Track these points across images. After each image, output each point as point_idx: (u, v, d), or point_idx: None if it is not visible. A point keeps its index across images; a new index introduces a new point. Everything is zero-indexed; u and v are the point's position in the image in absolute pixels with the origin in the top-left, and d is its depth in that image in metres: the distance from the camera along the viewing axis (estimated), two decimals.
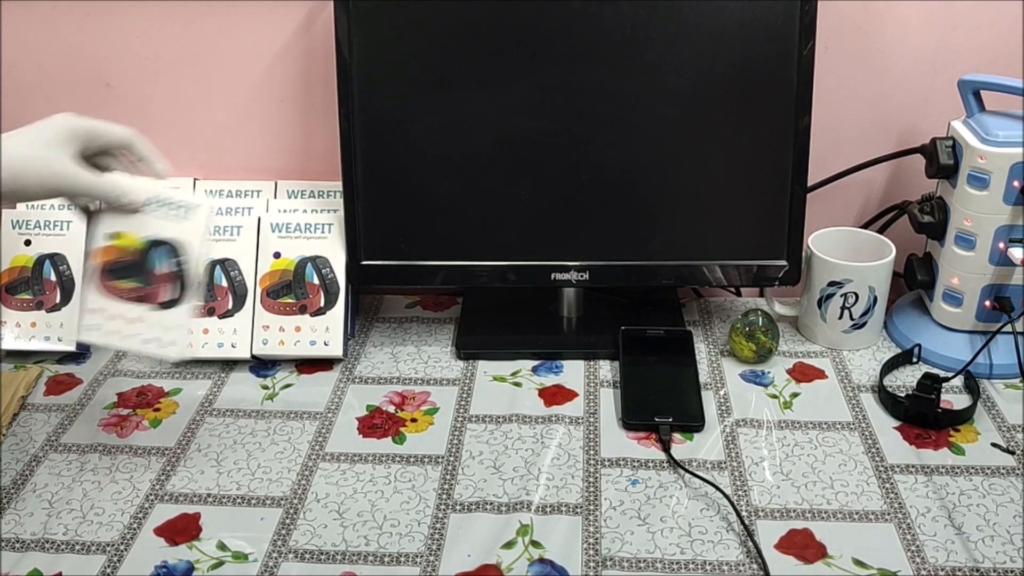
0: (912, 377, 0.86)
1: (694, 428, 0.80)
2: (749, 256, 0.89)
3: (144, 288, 0.71)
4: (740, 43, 0.83)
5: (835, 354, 0.91)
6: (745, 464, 0.76)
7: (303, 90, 0.98)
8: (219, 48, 0.97)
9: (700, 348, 0.92)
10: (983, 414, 0.82)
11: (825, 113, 0.91)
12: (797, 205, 0.87)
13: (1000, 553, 0.67)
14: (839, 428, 0.80)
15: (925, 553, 0.67)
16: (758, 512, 0.71)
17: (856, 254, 0.90)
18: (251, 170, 1.02)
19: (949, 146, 0.85)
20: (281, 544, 0.69)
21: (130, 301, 0.71)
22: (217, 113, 1.00)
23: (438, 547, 0.68)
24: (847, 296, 0.88)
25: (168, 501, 0.74)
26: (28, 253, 0.93)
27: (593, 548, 0.68)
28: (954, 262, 0.86)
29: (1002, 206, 0.82)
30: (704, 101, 0.85)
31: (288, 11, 0.95)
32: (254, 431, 0.82)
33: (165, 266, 0.71)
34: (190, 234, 0.71)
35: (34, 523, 0.72)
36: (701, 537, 0.69)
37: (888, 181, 1.00)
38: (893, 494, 0.73)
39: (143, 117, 1.01)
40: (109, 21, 0.97)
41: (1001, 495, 0.72)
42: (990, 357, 0.86)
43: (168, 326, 0.71)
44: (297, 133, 1.01)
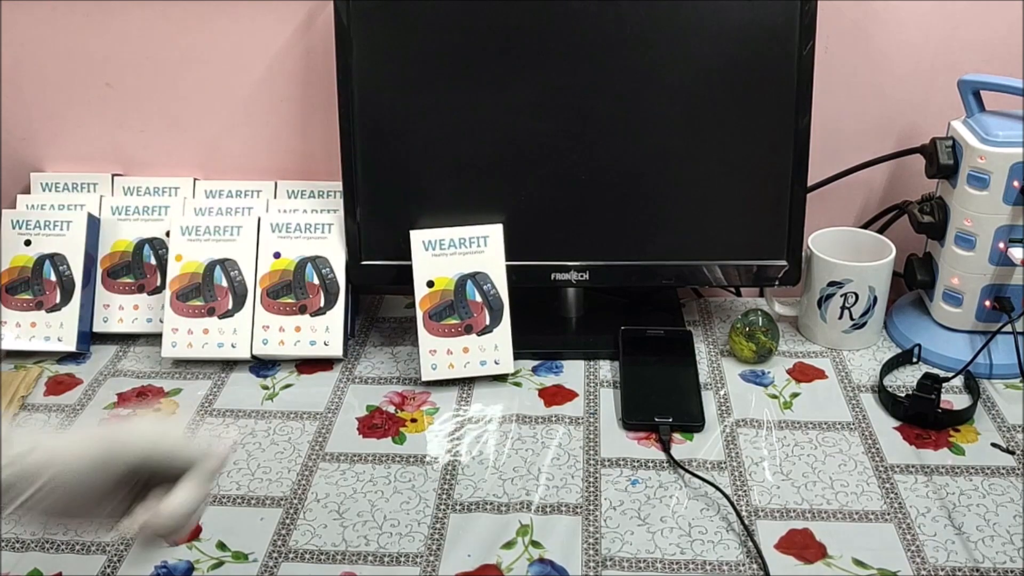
0: (912, 377, 0.86)
1: (694, 428, 0.80)
2: (749, 256, 0.89)
3: (464, 321, 0.83)
4: (740, 43, 0.83)
5: (835, 354, 0.91)
6: (745, 464, 0.76)
7: (303, 90, 0.98)
8: (219, 48, 0.97)
9: (700, 348, 0.92)
10: (983, 414, 0.82)
11: (825, 113, 0.91)
12: (797, 205, 0.87)
13: (1000, 553, 0.67)
14: (839, 428, 0.80)
15: (925, 553, 0.67)
16: (758, 512, 0.71)
17: (856, 254, 0.90)
18: (251, 170, 1.02)
19: (949, 146, 0.85)
20: (281, 544, 0.69)
21: (456, 336, 0.85)
22: (217, 113, 1.00)
23: (438, 547, 0.68)
24: (847, 296, 0.88)
25: None
26: (28, 253, 0.93)
27: (593, 548, 0.68)
28: (954, 262, 0.86)
29: (1002, 206, 0.82)
30: (704, 101, 0.85)
31: (288, 11, 0.95)
32: (254, 431, 0.82)
33: None
34: (489, 259, 0.85)
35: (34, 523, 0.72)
36: (701, 537, 0.69)
37: (888, 181, 1.00)
38: (893, 494, 0.73)
39: (143, 117, 1.01)
40: (109, 21, 0.97)
41: (1001, 495, 0.72)
42: (990, 357, 0.85)
43: None
44: (297, 133, 1.01)
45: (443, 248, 0.86)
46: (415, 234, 0.86)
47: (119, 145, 1.02)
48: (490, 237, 0.86)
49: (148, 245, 0.96)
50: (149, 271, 0.96)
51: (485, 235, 0.86)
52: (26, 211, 0.97)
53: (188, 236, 0.92)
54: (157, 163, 1.03)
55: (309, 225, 0.92)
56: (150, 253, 0.96)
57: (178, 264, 0.91)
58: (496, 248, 0.86)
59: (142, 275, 0.96)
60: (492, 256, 0.86)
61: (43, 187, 1.02)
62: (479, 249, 0.86)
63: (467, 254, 0.86)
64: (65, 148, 1.03)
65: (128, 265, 0.96)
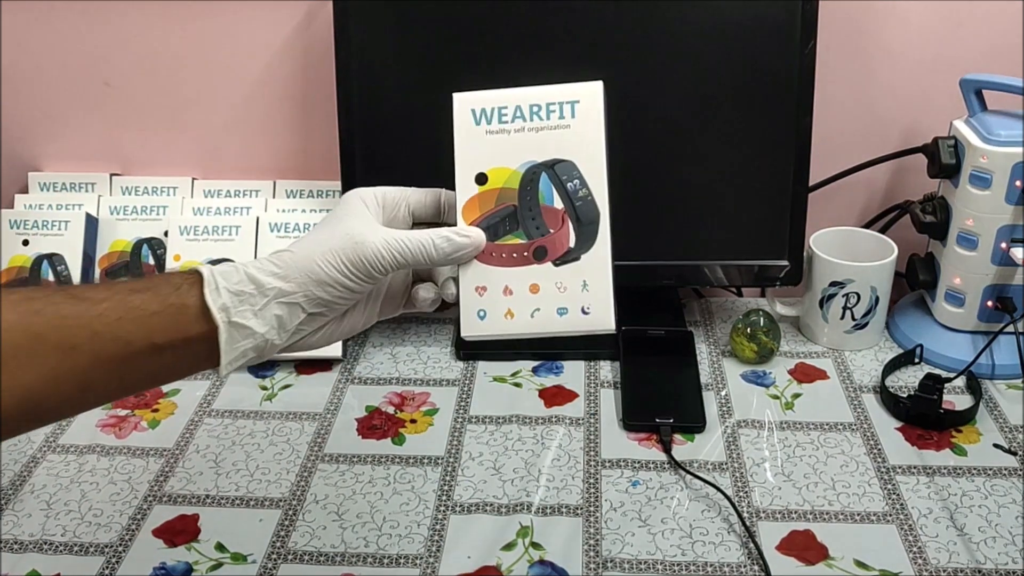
0: (914, 378, 0.85)
1: (695, 429, 0.80)
2: (750, 256, 0.89)
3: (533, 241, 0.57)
4: (742, 43, 0.83)
5: (837, 354, 0.90)
6: (746, 465, 0.76)
7: (302, 89, 0.98)
8: (217, 47, 0.97)
9: (701, 348, 0.92)
10: (985, 415, 0.81)
11: (826, 113, 0.91)
12: (799, 205, 0.87)
13: (1002, 554, 0.66)
14: (841, 429, 0.80)
15: (927, 554, 0.67)
16: (759, 513, 0.71)
17: (858, 254, 0.90)
18: (250, 169, 1.02)
19: (951, 145, 0.85)
20: (280, 545, 0.69)
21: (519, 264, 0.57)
22: (216, 112, 1.00)
23: (438, 549, 0.68)
24: (849, 296, 0.88)
25: (167, 502, 0.73)
26: (26, 253, 0.93)
27: (594, 550, 0.68)
28: (956, 262, 0.86)
29: (1004, 206, 0.82)
30: (705, 101, 0.85)
31: (287, 10, 0.95)
32: (253, 432, 0.81)
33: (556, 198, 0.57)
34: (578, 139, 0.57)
35: (32, 524, 0.71)
36: (702, 538, 0.68)
37: (890, 181, 1.00)
38: (895, 495, 0.72)
39: (141, 116, 1.01)
40: (107, 20, 0.96)
41: (1003, 496, 0.72)
42: (992, 357, 0.85)
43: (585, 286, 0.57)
44: (296, 132, 1.00)
45: (504, 121, 0.58)
46: (460, 98, 0.58)
47: (117, 145, 1.02)
48: (581, 103, 0.58)
49: (146, 245, 0.95)
50: (148, 271, 0.95)
51: (573, 99, 0.58)
52: (24, 211, 0.97)
53: (187, 236, 0.92)
54: (155, 163, 1.02)
55: (308, 225, 0.92)
56: (148, 253, 0.95)
57: (176, 264, 0.91)
58: (591, 121, 0.58)
59: (140, 275, 0.95)
60: (584, 134, 0.58)
61: (41, 187, 1.01)
62: (562, 122, 0.58)
63: (542, 130, 0.58)
64: (63, 147, 1.02)
65: (126, 265, 0.95)
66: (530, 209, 0.58)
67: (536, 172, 0.58)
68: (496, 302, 0.57)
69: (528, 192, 0.58)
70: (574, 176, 0.58)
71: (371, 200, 0.57)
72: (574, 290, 0.57)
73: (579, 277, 0.57)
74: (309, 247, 0.53)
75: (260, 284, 0.52)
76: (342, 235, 0.53)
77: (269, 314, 0.52)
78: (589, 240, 0.57)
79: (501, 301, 0.57)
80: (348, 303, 0.55)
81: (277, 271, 0.52)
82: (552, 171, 0.58)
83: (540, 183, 0.58)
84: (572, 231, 0.57)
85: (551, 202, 0.57)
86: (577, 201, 0.57)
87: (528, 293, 0.57)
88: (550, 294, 0.57)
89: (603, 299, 0.57)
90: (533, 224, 0.58)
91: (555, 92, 0.58)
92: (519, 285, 0.57)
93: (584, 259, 0.57)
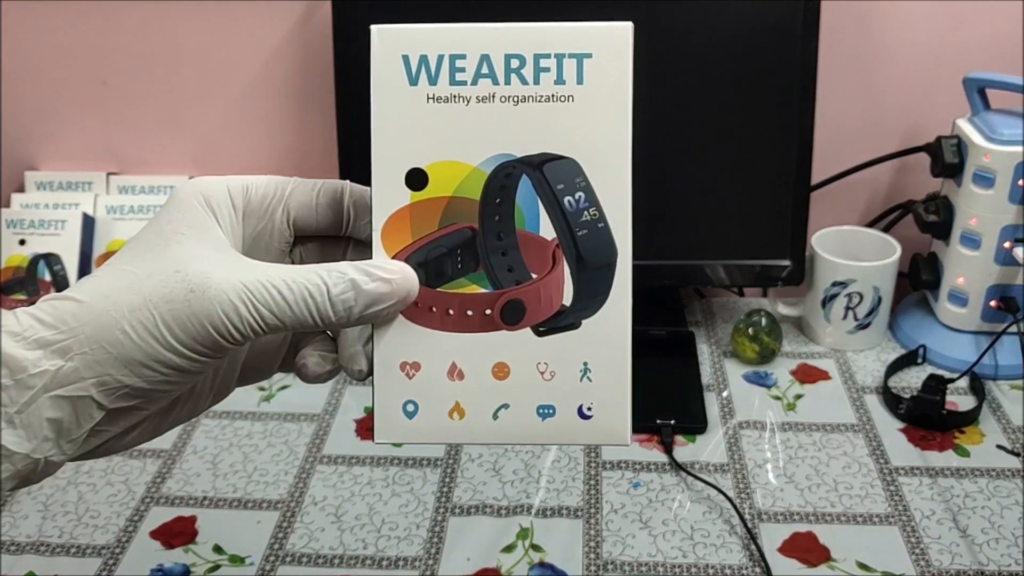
0: (917, 378, 0.85)
1: (696, 430, 0.79)
2: (752, 256, 0.88)
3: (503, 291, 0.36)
4: (743, 41, 0.82)
5: (839, 355, 0.90)
6: (748, 466, 0.75)
7: (300, 88, 0.98)
8: (215, 45, 0.96)
9: (702, 349, 0.91)
10: (988, 416, 0.81)
11: (829, 111, 0.90)
12: (800, 204, 0.86)
13: (1005, 556, 0.66)
14: (843, 430, 0.79)
15: (929, 556, 0.66)
16: (761, 515, 0.70)
17: (860, 254, 0.89)
18: (247, 168, 1.01)
19: (954, 145, 0.84)
20: (278, 548, 0.68)
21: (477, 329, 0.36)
22: (213, 111, 0.99)
23: (437, 551, 0.68)
24: (851, 296, 0.87)
25: (164, 504, 0.73)
26: (23, 253, 0.92)
27: (594, 552, 0.67)
28: (959, 262, 0.85)
29: (1007, 205, 0.81)
30: (707, 99, 0.84)
31: (285, 8, 0.94)
32: (251, 433, 0.81)
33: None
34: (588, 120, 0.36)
35: (29, 526, 0.71)
36: (704, 540, 0.68)
37: (892, 180, 1.00)
38: (897, 496, 0.72)
39: (138, 115, 1.00)
40: (105, 19, 0.96)
41: (1006, 497, 0.71)
42: (995, 358, 0.85)
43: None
44: (294, 131, 1.00)
45: (459, 81, 0.36)
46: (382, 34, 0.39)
47: (114, 143, 1.02)
48: (595, 59, 0.37)
49: None
50: None
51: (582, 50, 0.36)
52: (20, 210, 0.96)
53: None
54: (153, 161, 1.02)
55: None
56: None
57: None
58: (611, 89, 0.37)
59: None
60: (598, 112, 0.37)
61: (38, 186, 1.01)
62: (561, 90, 0.36)
63: (526, 102, 0.36)
64: (60, 146, 1.02)
65: None
66: (499, 237, 0.35)
67: (511, 174, 0.35)
68: (435, 390, 0.36)
69: (497, 208, 0.35)
70: (577, 184, 0.35)
71: (222, 202, 0.36)
72: (567, 377, 0.36)
73: (577, 356, 0.36)
74: (110, 296, 0.33)
75: (20, 367, 0.31)
76: (167, 275, 0.33)
77: (38, 418, 0.32)
78: (597, 294, 0.36)
79: (444, 388, 0.36)
80: (178, 389, 0.35)
81: (53, 338, 0.32)
82: (540, 174, 0.35)
83: (518, 194, 0.35)
84: (569, 278, 0.36)
85: (535, 227, 0.35)
86: (579, 228, 0.35)
87: (490, 378, 0.36)
88: (527, 382, 0.36)
89: (615, 395, 0.37)
90: (503, 263, 0.36)
91: (553, 35, 0.35)
92: (475, 364, 0.36)
93: (588, 327, 0.36)
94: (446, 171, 0.35)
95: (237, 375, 0.40)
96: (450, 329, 0.36)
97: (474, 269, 0.36)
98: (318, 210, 0.38)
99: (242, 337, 0.33)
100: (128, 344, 0.32)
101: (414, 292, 0.36)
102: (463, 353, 0.36)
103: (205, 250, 0.34)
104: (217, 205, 0.36)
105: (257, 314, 0.33)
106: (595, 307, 0.36)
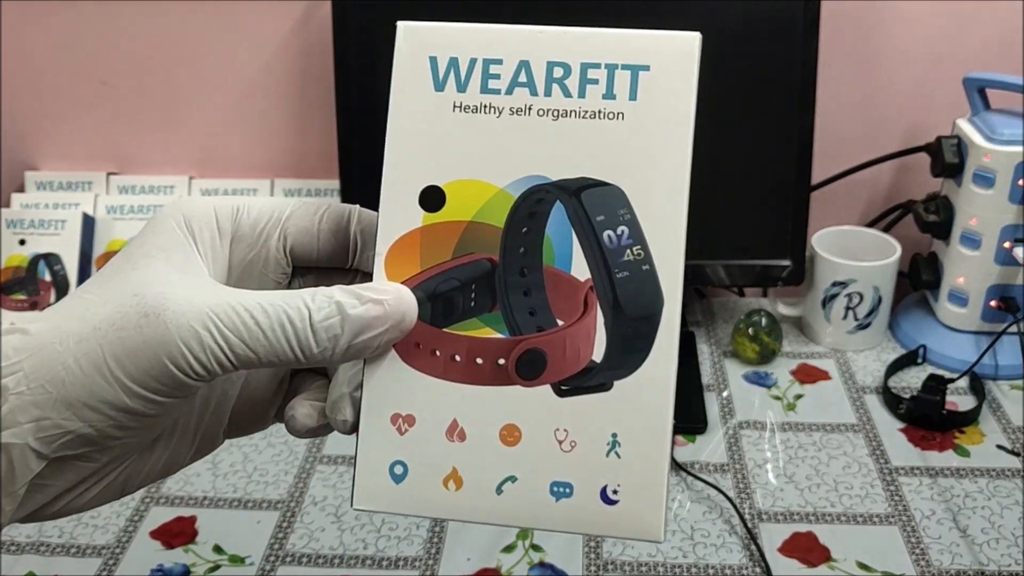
0: (917, 378, 0.85)
1: (696, 430, 0.79)
2: (752, 256, 0.88)
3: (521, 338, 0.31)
4: (743, 41, 0.82)
5: (839, 355, 0.90)
6: (748, 467, 0.75)
7: (300, 87, 0.98)
8: (215, 45, 0.96)
9: (703, 349, 0.91)
10: (988, 416, 0.81)
11: (829, 111, 0.90)
12: (801, 204, 0.86)
13: (1005, 556, 0.66)
14: (843, 430, 0.79)
15: (930, 556, 0.66)
16: (761, 515, 0.70)
17: (860, 254, 0.89)
18: (247, 168, 1.01)
19: (954, 144, 0.84)
20: (278, 548, 0.68)
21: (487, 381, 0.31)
22: (213, 111, 0.99)
23: (437, 551, 0.68)
24: (851, 296, 0.87)
25: (164, 504, 0.73)
26: (23, 253, 0.92)
27: (594, 552, 0.67)
28: (959, 262, 0.85)
29: (1008, 205, 0.81)
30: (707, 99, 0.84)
31: (285, 8, 0.94)
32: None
33: None
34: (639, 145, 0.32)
35: (29, 526, 0.71)
36: (704, 541, 0.68)
37: (893, 180, 1.00)
38: (897, 496, 0.72)
39: (138, 115, 1.00)
40: (104, 19, 0.96)
41: (1006, 497, 0.71)
42: (995, 358, 0.85)
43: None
44: (294, 131, 1.00)
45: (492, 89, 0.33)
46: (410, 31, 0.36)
47: (114, 143, 1.02)
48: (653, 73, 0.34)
49: None
50: None
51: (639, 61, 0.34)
52: (21, 210, 0.96)
53: None
54: (153, 161, 1.02)
55: None
56: None
57: None
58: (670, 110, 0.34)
59: None
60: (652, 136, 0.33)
61: (38, 186, 1.01)
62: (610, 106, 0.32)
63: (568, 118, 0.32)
64: (60, 146, 1.02)
65: None
66: (523, 272, 0.30)
67: (543, 200, 0.30)
68: (430, 450, 0.31)
69: (523, 238, 0.30)
70: (620, 217, 0.30)
71: (204, 224, 0.32)
72: (591, 450, 0.30)
73: (605, 425, 0.30)
74: (60, 326, 0.28)
75: None
76: (122, 300, 0.28)
77: None
78: (634, 350, 0.30)
79: (440, 450, 0.31)
80: (134, 437, 0.30)
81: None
82: (577, 201, 0.30)
83: (549, 224, 0.30)
84: (603, 328, 0.30)
85: (566, 264, 0.30)
86: (619, 268, 0.30)
87: (497, 442, 0.30)
88: (541, 451, 0.30)
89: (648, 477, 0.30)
90: (524, 304, 0.30)
91: (605, 43, 0.33)
92: (481, 423, 0.30)
93: (620, 389, 0.30)
94: (467, 191, 0.30)
95: (225, 426, 0.35)
96: (454, 379, 0.30)
97: (489, 309, 0.30)
98: (320, 237, 0.33)
99: (205, 371, 0.28)
100: (71, 382, 0.27)
101: (411, 318, 0.30)
102: (467, 409, 0.30)
103: (172, 273, 0.29)
104: (199, 227, 0.31)
105: (224, 342, 0.28)
106: (631, 366, 0.29)
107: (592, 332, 0.30)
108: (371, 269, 0.31)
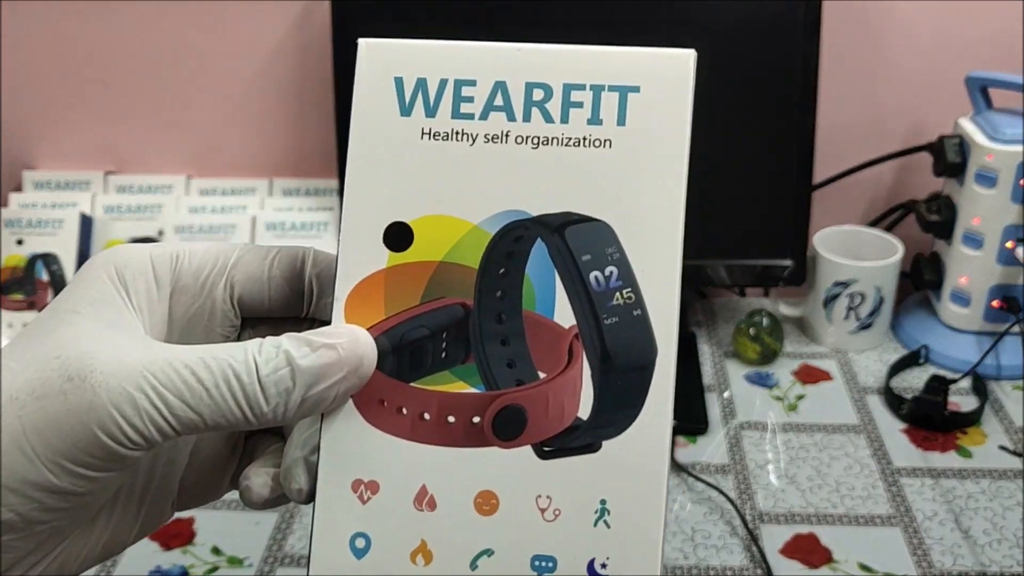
0: (919, 379, 0.84)
1: (697, 431, 0.79)
2: (754, 256, 0.88)
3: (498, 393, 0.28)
4: (744, 40, 0.82)
5: (841, 355, 0.89)
6: (749, 467, 0.75)
7: (299, 87, 0.97)
8: (214, 45, 0.96)
9: (704, 349, 0.91)
10: (991, 416, 0.80)
11: (830, 111, 0.90)
12: (802, 204, 0.86)
13: (1007, 557, 0.66)
14: (845, 431, 0.79)
15: (932, 557, 0.66)
16: (763, 516, 0.70)
17: (862, 253, 0.89)
18: (245, 167, 1.01)
19: (956, 144, 0.84)
20: (277, 549, 0.68)
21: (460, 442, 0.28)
22: (211, 110, 0.99)
23: None
24: (853, 296, 0.87)
25: None
26: (20, 253, 0.92)
27: None
28: (962, 262, 0.85)
29: (1010, 205, 0.81)
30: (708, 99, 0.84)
31: (284, 8, 0.94)
32: None
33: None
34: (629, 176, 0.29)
35: None
36: (705, 542, 0.68)
37: (894, 179, 0.99)
38: (900, 497, 0.71)
39: (136, 114, 1.00)
40: (102, 18, 0.95)
41: (1009, 498, 0.71)
42: (998, 358, 0.84)
43: None
44: (292, 130, 1.00)
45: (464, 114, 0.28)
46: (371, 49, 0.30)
47: (112, 143, 1.01)
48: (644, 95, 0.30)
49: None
50: None
51: (628, 83, 0.29)
52: (18, 210, 0.96)
53: (182, 235, 0.91)
54: (151, 161, 1.01)
55: (304, 223, 0.91)
56: None
57: None
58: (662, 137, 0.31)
59: None
60: (643, 166, 0.30)
61: (35, 185, 1.00)
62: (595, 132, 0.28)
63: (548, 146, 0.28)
64: (58, 146, 1.02)
65: None
66: (500, 319, 0.28)
67: (523, 238, 0.28)
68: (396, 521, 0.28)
69: (500, 280, 0.28)
70: (608, 256, 0.28)
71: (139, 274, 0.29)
72: (577, 519, 0.27)
73: (593, 491, 0.27)
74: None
75: None
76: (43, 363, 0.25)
77: None
78: (625, 406, 0.27)
79: (408, 521, 0.28)
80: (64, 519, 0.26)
81: None
82: (560, 239, 0.27)
83: (529, 264, 0.28)
84: (589, 381, 0.27)
85: (548, 310, 0.27)
86: (608, 314, 0.27)
87: (471, 511, 0.28)
88: (521, 521, 0.27)
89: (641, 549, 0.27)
90: (502, 354, 0.28)
91: (589, 61, 0.28)
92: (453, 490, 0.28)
93: (610, 450, 0.27)
94: (438, 228, 0.27)
95: (174, 496, 0.31)
96: (423, 440, 0.27)
97: (463, 360, 0.27)
98: (271, 284, 0.30)
99: (143, 439, 0.25)
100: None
101: (369, 362, 0.27)
102: (438, 474, 0.27)
103: (101, 330, 0.26)
104: (132, 278, 0.28)
105: (163, 405, 0.25)
106: (622, 424, 0.27)
107: (578, 386, 0.27)
108: (329, 317, 0.28)
